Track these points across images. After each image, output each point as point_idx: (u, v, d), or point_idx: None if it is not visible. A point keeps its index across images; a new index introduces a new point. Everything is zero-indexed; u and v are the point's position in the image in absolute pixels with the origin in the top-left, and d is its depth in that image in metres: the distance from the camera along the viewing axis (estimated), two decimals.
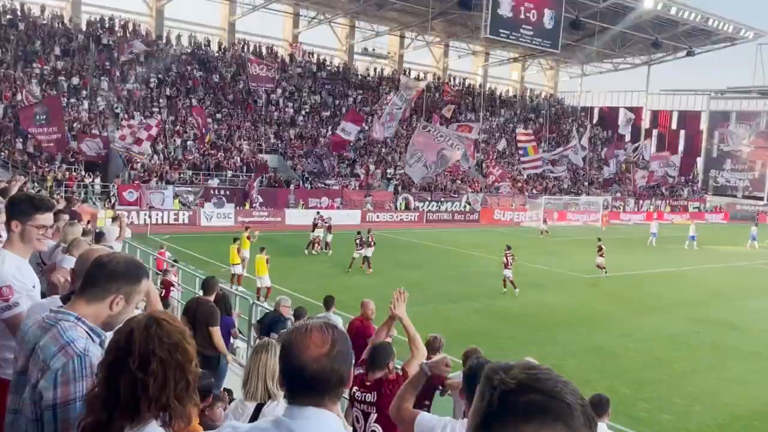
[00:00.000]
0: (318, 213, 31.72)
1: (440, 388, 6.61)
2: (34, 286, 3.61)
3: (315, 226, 29.51)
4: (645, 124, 72.86)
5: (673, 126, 72.78)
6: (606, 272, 25.61)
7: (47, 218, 3.64)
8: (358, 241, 25.53)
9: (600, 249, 26.18)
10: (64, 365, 2.28)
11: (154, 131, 35.37)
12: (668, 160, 56.13)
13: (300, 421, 1.87)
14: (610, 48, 62.06)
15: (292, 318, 9.98)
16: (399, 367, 4.96)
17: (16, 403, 2.47)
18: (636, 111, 69.80)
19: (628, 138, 58.32)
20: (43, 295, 3.82)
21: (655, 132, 71.83)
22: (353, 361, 2.03)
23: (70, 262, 5.04)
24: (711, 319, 18.82)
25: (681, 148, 69.88)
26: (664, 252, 34.71)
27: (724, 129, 71.19)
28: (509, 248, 22.43)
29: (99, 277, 2.54)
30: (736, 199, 67.02)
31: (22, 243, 3.58)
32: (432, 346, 7.77)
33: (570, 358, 14.02)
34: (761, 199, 65.93)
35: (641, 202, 58.19)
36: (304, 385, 1.90)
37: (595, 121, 71.99)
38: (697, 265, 30.42)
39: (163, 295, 14.29)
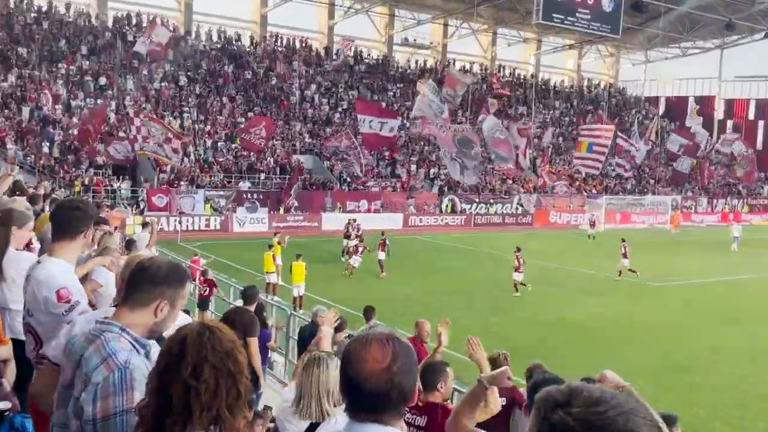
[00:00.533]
0: (348, 221, 31.17)
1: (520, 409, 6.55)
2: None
3: (347, 236, 29.42)
4: (718, 114, 70.86)
5: (750, 116, 70.57)
6: (620, 275, 25.66)
7: None
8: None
9: (624, 250, 26.05)
10: (105, 379, 2.36)
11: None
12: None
13: None
14: (677, 31, 60.72)
15: (332, 330, 10.06)
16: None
17: (63, 417, 2.56)
18: (708, 100, 68.08)
19: (696, 130, 56.67)
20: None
21: (729, 123, 69.71)
22: (417, 377, 2.03)
23: (99, 273, 5.27)
24: None
25: (760, 139, 67.76)
26: (746, 257, 33.72)
27: None
28: (519, 250, 22.71)
29: (141, 282, 2.63)
30: None
31: (82, 249, 3.92)
32: (496, 364, 7.84)
33: (637, 376, 13.74)
34: None
35: (715, 201, 56.61)
36: (363, 400, 1.92)
37: (661, 112, 70.35)
38: None
39: (206, 293, 14.73)
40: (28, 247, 5.24)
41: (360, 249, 25.65)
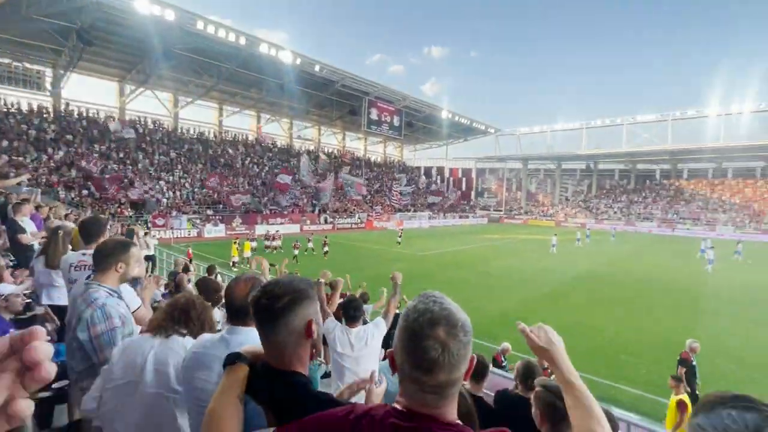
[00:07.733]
0: (267, 232, 27.93)
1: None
2: None
3: (268, 237, 24.69)
4: (446, 174, 79.13)
5: (459, 175, 79.80)
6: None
7: None
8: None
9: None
10: (90, 315, 2.11)
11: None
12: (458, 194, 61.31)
13: (234, 336, 1.66)
14: (429, 135, 67.47)
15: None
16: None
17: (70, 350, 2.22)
18: (442, 168, 76.11)
19: (439, 182, 62.75)
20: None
21: (451, 179, 78.28)
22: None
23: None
24: (489, 272, 17.34)
25: (463, 186, 77.19)
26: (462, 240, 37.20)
27: (484, 177, 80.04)
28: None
29: (100, 257, 2.27)
30: (491, 212, 74.48)
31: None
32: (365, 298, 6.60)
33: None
34: (501, 211, 73.76)
35: (444, 215, 62.87)
36: (235, 312, 1.70)
37: (423, 173, 76.71)
38: (480, 243, 30.10)
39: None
40: None
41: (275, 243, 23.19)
